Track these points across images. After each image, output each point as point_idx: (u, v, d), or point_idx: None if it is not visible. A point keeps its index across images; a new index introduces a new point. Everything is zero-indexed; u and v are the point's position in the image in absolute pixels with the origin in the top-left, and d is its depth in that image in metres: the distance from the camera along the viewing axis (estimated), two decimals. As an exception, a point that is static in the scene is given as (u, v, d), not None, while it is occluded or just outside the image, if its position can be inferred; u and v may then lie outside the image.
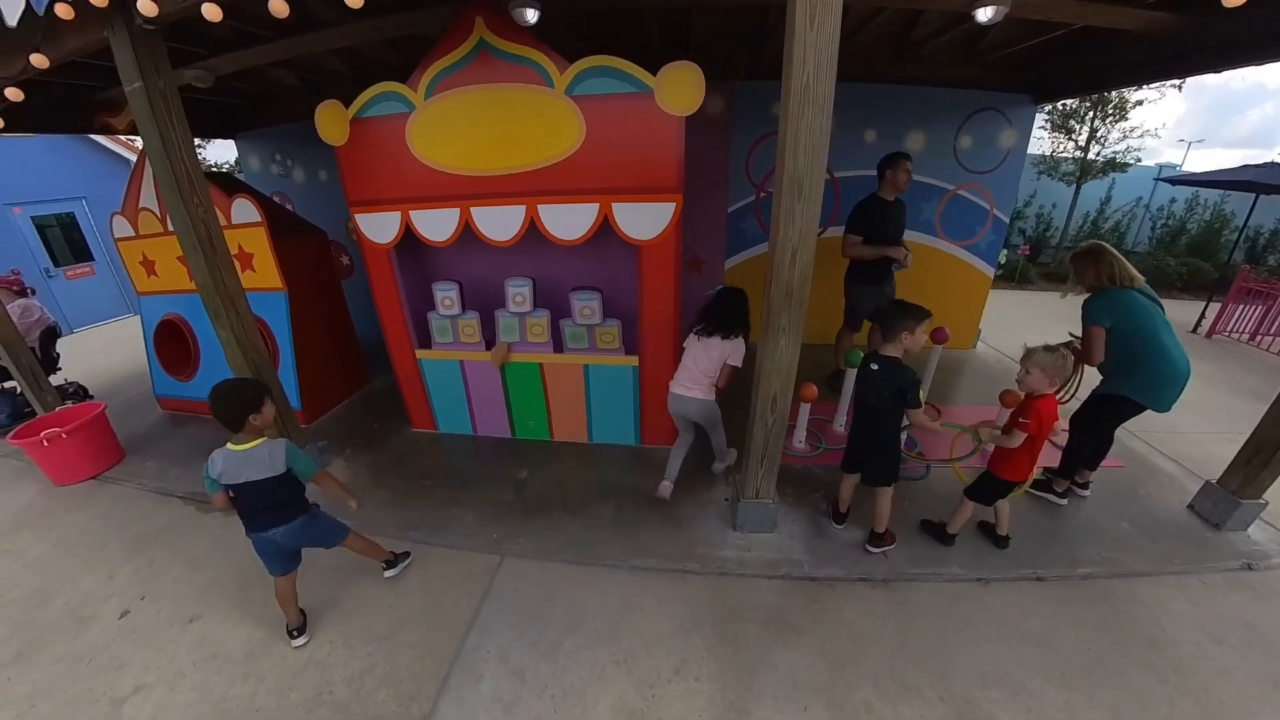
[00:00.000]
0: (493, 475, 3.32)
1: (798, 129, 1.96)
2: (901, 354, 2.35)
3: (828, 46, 1.88)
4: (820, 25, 1.86)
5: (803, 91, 1.92)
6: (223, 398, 1.98)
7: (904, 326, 2.29)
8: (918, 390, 2.31)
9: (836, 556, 2.65)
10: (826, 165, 2.06)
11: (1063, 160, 9.42)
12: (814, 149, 1.99)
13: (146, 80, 2.49)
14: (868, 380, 2.39)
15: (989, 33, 3.89)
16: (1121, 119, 8.78)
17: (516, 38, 2.64)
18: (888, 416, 2.39)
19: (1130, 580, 2.60)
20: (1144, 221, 9.59)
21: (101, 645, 2.41)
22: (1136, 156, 9.16)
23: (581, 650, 2.21)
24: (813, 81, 1.91)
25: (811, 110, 1.94)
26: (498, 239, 3.00)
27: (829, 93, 1.93)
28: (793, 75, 1.91)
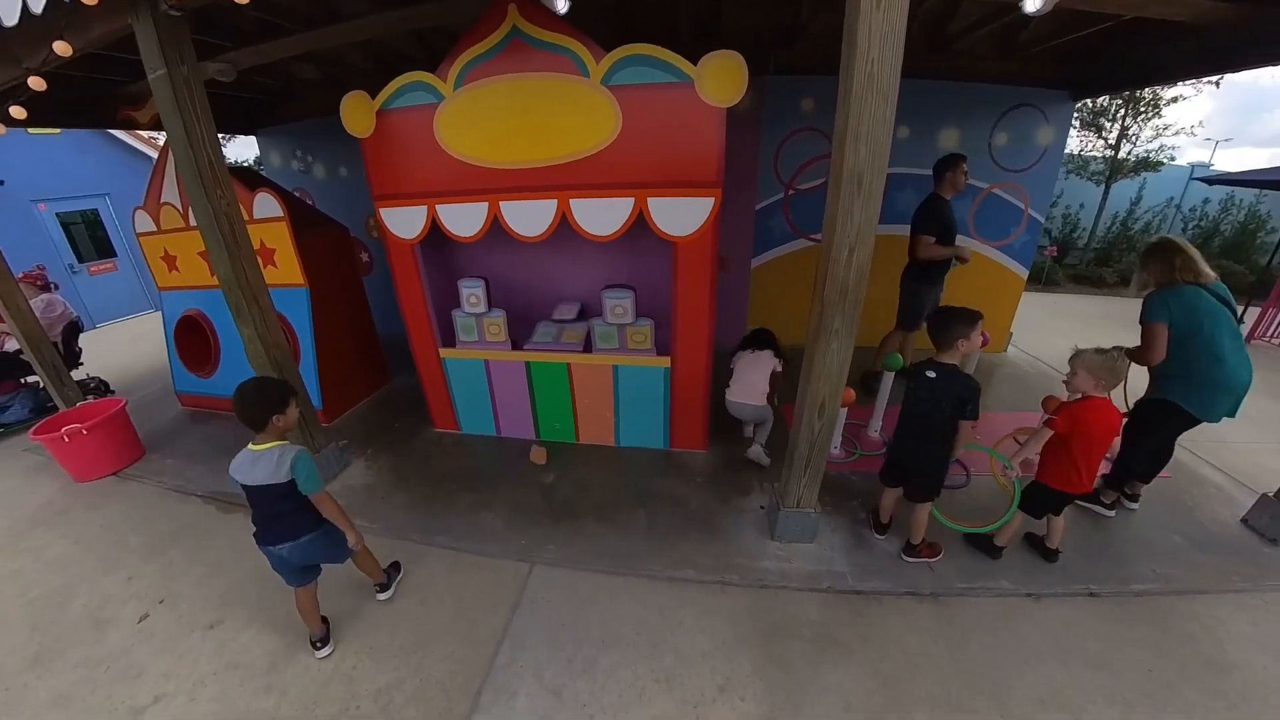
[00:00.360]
0: (518, 478, 3.19)
1: (859, 120, 1.82)
2: (959, 360, 2.21)
3: (894, 31, 1.74)
4: (888, 7, 1.72)
5: (866, 79, 1.78)
6: (248, 397, 1.89)
7: (959, 332, 2.16)
8: (978, 400, 2.16)
9: (880, 569, 2.51)
10: None
11: (1091, 159, 9.10)
12: (876, 141, 1.85)
13: (170, 68, 2.38)
14: (924, 389, 2.24)
15: (1028, 25, 3.73)
16: (1155, 116, 8.44)
17: (551, 25, 2.51)
18: (942, 427, 2.25)
19: (1186, 598, 2.45)
20: (1175, 222, 9.27)
21: (120, 650, 2.31)
22: (1171, 155, 8.86)
23: (620, 667, 2.09)
24: (877, 69, 1.78)
25: (875, 100, 1.80)
26: (527, 234, 2.87)
27: (894, 81, 1.80)
28: (855, 62, 1.77)
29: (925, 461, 2.35)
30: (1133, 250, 9.02)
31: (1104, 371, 2.14)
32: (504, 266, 3.33)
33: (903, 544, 2.56)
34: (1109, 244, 9.12)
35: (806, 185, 4.49)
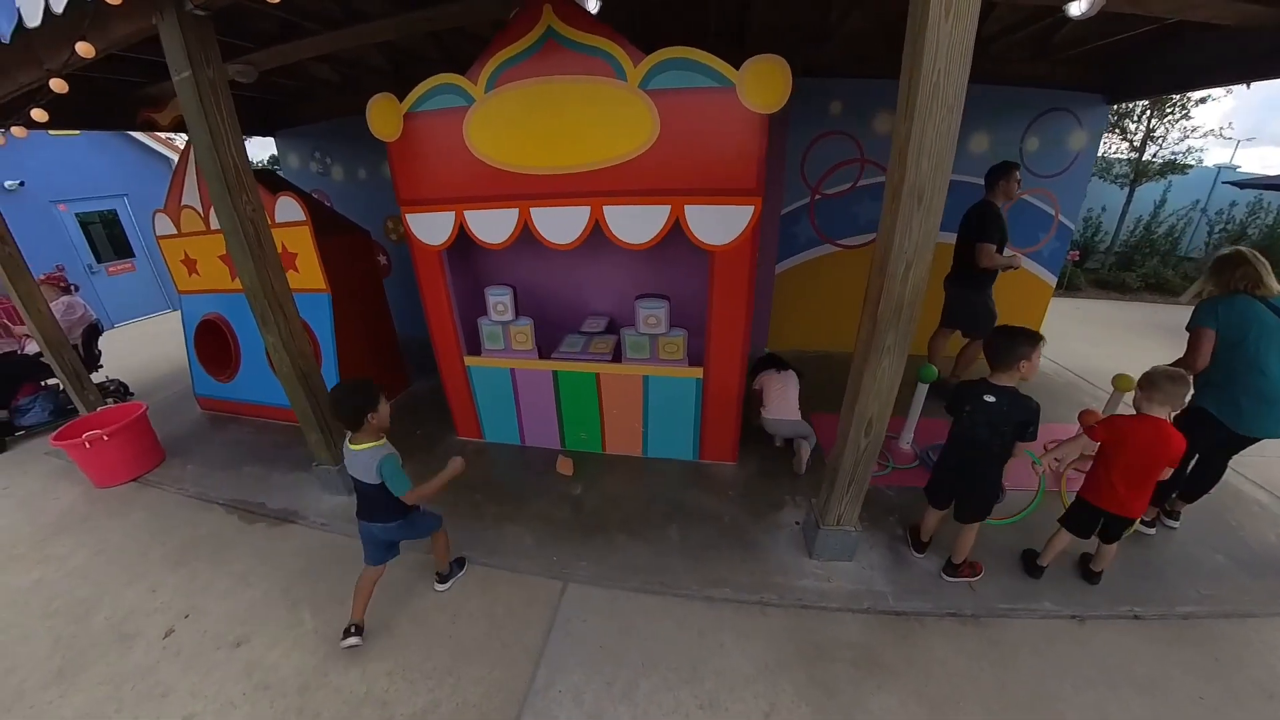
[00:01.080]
0: (545, 490, 3.11)
1: (923, 132, 1.72)
2: (1017, 382, 2.10)
3: (963, 41, 1.64)
4: (958, 16, 1.61)
5: (932, 90, 1.67)
6: (341, 400, 2.01)
7: (1021, 354, 2.05)
8: (1038, 423, 2.07)
9: (921, 589, 2.42)
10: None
11: (1115, 161, 8.85)
12: (939, 154, 1.75)
13: (196, 70, 2.28)
14: (983, 413, 2.14)
15: (1063, 28, 3.60)
16: (1183, 117, 8.16)
17: (587, 27, 2.40)
18: (1000, 452, 2.16)
19: (1234, 621, 2.36)
20: (1201, 226, 9.01)
21: (146, 667, 2.24)
22: (1198, 158, 8.58)
23: (661, 692, 2.01)
24: (943, 80, 1.67)
25: (940, 112, 1.70)
26: (558, 242, 2.77)
27: (960, 92, 1.69)
28: (921, 72, 1.66)
29: (979, 484, 2.25)
30: (1156, 254, 8.81)
31: (1177, 398, 2.05)
32: (531, 273, 3.24)
33: (944, 562, 2.47)
34: (1132, 248, 8.91)
35: (834, 190, 4.37)
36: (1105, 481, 2.19)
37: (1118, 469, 2.15)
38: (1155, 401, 2.06)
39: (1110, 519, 2.26)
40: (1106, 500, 2.21)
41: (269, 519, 3.04)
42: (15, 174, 6.54)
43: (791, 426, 3.19)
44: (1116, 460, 2.14)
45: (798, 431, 3.19)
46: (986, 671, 2.10)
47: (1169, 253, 8.84)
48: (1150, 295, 8.11)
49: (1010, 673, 2.09)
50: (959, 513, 2.34)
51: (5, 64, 2.65)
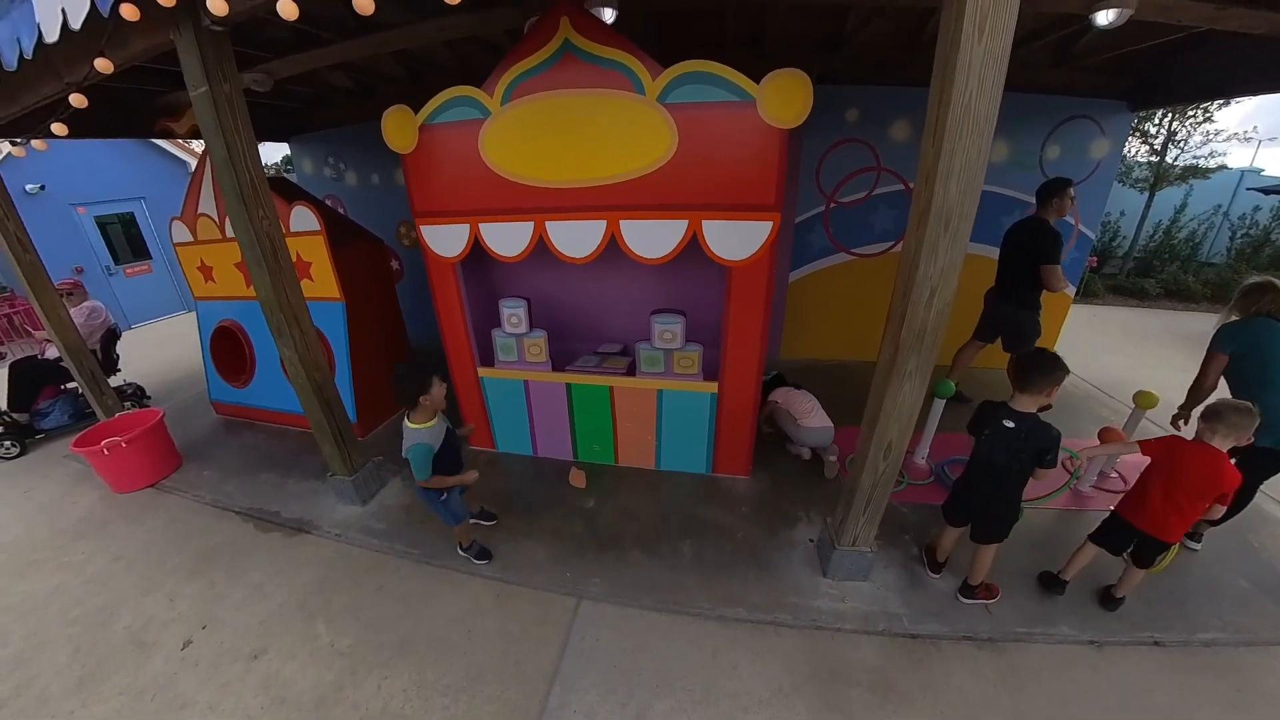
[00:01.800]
0: (558, 502, 3.09)
1: (953, 154, 1.66)
2: (1037, 408, 2.05)
3: (997, 61, 1.59)
4: (991, 35, 1.56)
5: (963, 111, 1.62)
6: (398, 382, 2.20)
7: (1055, 379, 2.00)
8: (1058, 451, 2.02)
9: (936, 611, 2.38)
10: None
11: (1135, 165, 8.62)
12: (970, 177, 1.69)
13: (212, 85, 2.27)
14: (1001, 438, 2.09)
15: (1086, 36, 3.50)
16: (1206, 120, 7.92)
17: (605, 39, 2.36)
18: (1019, 478, 2.11)
19: (1260, 650, 2.29)
20: (1223, 231, 8.73)
21: (165, 678, 2.26)
22: (1221, 162, 8.30)
23: (675, 714, 1.99)
24: (975, 102, 1.62)
25: (971, 133, 1.64)
26: (573, 255, 2.74)
27: (992, 115, 1.64)
28: (953, 93, 1.61)
29: (997, 506, 2.21)
30: (1176, 260, 8.59)
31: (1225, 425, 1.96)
32: (545, 286, 3.22)
33: (960, 583, 2.43)
34: (1151, 253, 8.71)
35: (849, 198, 4.30)
36: (1146, 500, 2.12)
37: (1161, 489, 2.08)
38: (1219, 434, 1.97)
39: (1144, 540, 2.19)
40: (1145, 520, 2.13)
41: (284, 528, 3.05)
42: (36, 178, 6.63)
43: (826, 434, 3.25)
44: (1163, 481, 2.07)
45: (830, 439, 3.26)
46: (1003, 698, 2.06)
47: (1189, 258, 8.63)
48: (1169, 302, 7.93)
49: (1027, 699, 2.05)
50: (975, 533, 2.30)
51: (27, 78, 2.64)
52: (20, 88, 2.77)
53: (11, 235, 3.43)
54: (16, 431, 3.89)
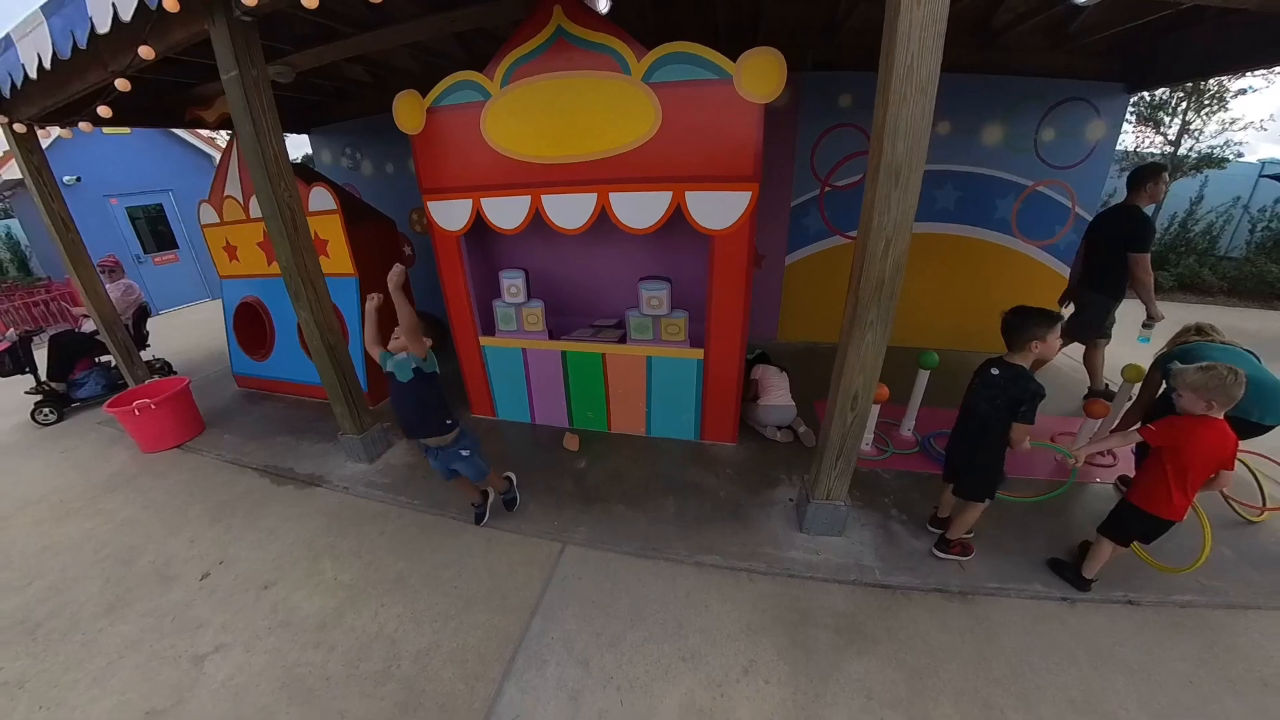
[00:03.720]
0: (552, 464, 3.33)
1: (898, 114, 1.86)
2: (1030, 363, 2.17)
3: (934, 24, 1.77)
4: (927, 2, 1.75)
5: (905, 74, 1.82)
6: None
7: (1036, 334, 2.09)
8: (1035, 405, 2.12)
9: (909, 565, 2.52)
10: None
11: (1149, 156, 8.59)
12: (914, 135, 1.88)
13: (242, 69, 2.59)
14: (984, 385, 2.22)
15: (1079, 16, 3.64)
16: (1221, 109, 7.92)
17: (594, 25, 2.62)
18: (996, 426, 2.21)
19: (1236, 612, 2.36)
20: (1242, 224, 8.60)
21: (184, 604, 2.54)
22: (1238, 151, 8.24)
23: (646, 644, 2.17)
24: (916, 64, 1.81)
25: (914, 94, 1.84)
26: (567, 227, 2.99)
27: (933, 76, 1.83)
28: (895, 56, 1.81)
29: (977, 459, 2.33)
30: (1192, 253, 8.49)
31: (1213, 393, 1.93)
32: (542, 263, 3.48)
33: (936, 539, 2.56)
34: (1166, 246, 8.60)
35: (843, 182, 4.49)
36: (1162, 487, 2.09)
37: (1177, 474, 2.04)
38: (1219, 405, 1.95)
39: (1158, 524, 2.18)
40: (1162, 508, 2.11)
41: (297, 482, 3.35)
42: (73, 170, 7.21)
43: (787, 413, 3.42)
44: (1173, 463, 2.04)
45: (791, 418, 3.44)
46: (968, 645, 2.18)
47: (1207, 252, 8.50)
48: (1183, 295, 7.85)
49: (992, 647, 2.17)
50: (957, 487, 2.42)
51: (77, 66, 3.00)
52: (70, 76, 3.13)
53: (56, 215, 3.86)
54: (55, 399, 4.31)
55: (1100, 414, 3.07)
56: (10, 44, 2.99)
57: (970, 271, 4.56)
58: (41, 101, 3.40)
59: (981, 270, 4.56)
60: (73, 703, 2.10)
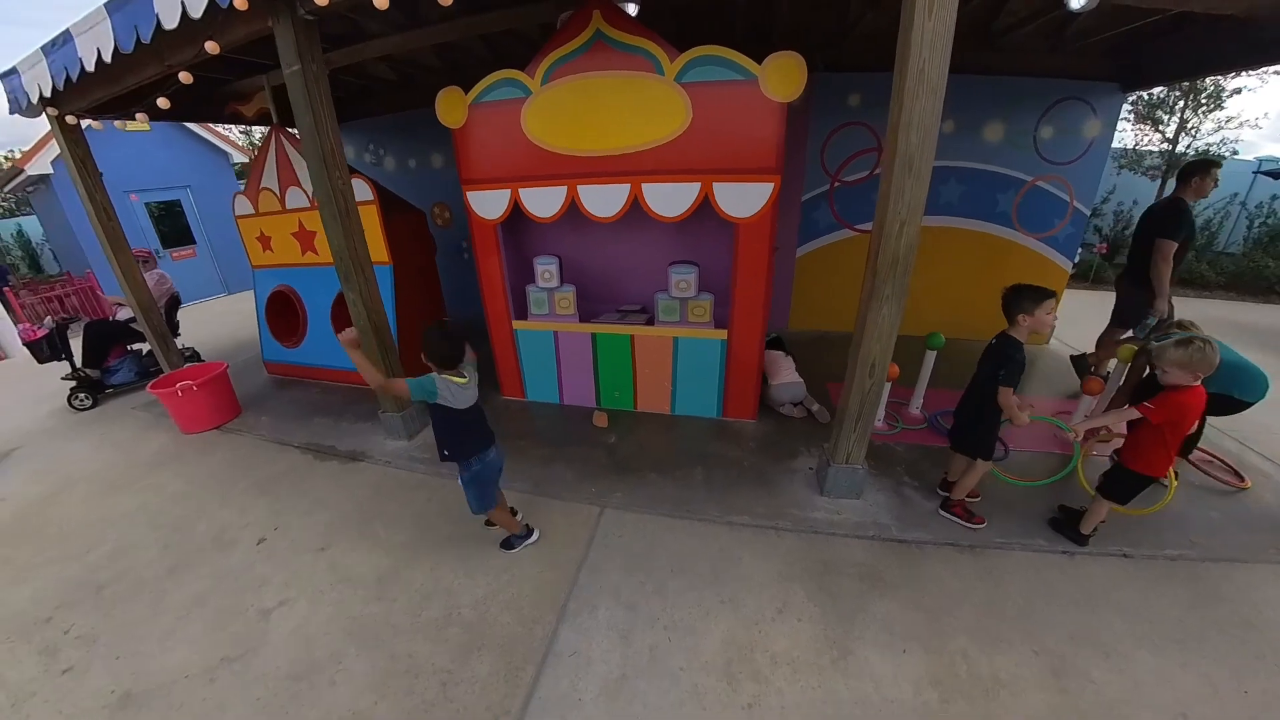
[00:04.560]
0: (583, 439, 3.61)
1: (911, 111, 2.16)
2: (1025, 336, 2.45)
3: (943, 35, 2.08)
4: (937, 14, 2.05)
5: (918, 76, 2.12)
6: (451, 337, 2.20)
7: (1022, 308, 2.39)
8: (1014, 370, 2.41)
9: (922, 523, 2.81)
10: None
11: (1147, 154, 9.05)
12: (925, 129, 2.19)
13: (304, 64, 2.85)
14: (984, 353, 2.54)
15: (1075, 20, 3.98)
16: (1217, 108, 8.37)
17: (631, 29, 2.92)
18: (987, 389, 2.52)
19: (1222, 565, 2.63)
20: (1240, 220, 9.05)
21: (244, 566, 2.77)
22: (1234, 149, 8.69)
23: (687, 590, 2.44)
24: (927, 67, 2.11)
25: (925, 94, 2.14)
26: (601, 215, 3.28)
27: (942, 77, 2.13)
28: (909, 61, 2.11)
29: (972, 416, 2.64)
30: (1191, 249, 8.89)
31: (1197, 365, 2.20)
32: (571, 252, 3.77)
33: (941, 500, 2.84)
34: None
35: (853, 177, 4.81)
36: (1163, 451, 2.37)
37: (1172, 438, 2.33)
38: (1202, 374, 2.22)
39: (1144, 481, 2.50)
40: (1159, 469, 2.43)
41: (340, 458, 3.60)
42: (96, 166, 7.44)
43: (797, 389, 3.76)
44: (1171, 431, 2.32)
45: (802, 394, 3.78)
46: (979, 590, 2.46)
47: (1205, 248, 8.92)
48: (1183, 290, 8.22)
49: (1001, 591, 2.45)
50: (953, 439, 2.72)
51: (134, 62, 3.23)
52: (125, 71, 3.35)
53: (99, 205, 4.10)
54: (90, 386, 4.53)
55: (1096, 391, 3.38)
56: (69, 38, 3.22)
57: (973, 263, 4.89)
58: (92, 95, 3.64)
59: (984, 262, 4.89)
60: (147, 652, 2.31)
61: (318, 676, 2.14)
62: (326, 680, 2.13)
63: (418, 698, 2.03)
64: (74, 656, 2.31)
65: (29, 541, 3.08)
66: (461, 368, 2.28)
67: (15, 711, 2.08)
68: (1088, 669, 2.11)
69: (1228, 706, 1.95)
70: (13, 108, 3.76)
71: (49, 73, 3.42)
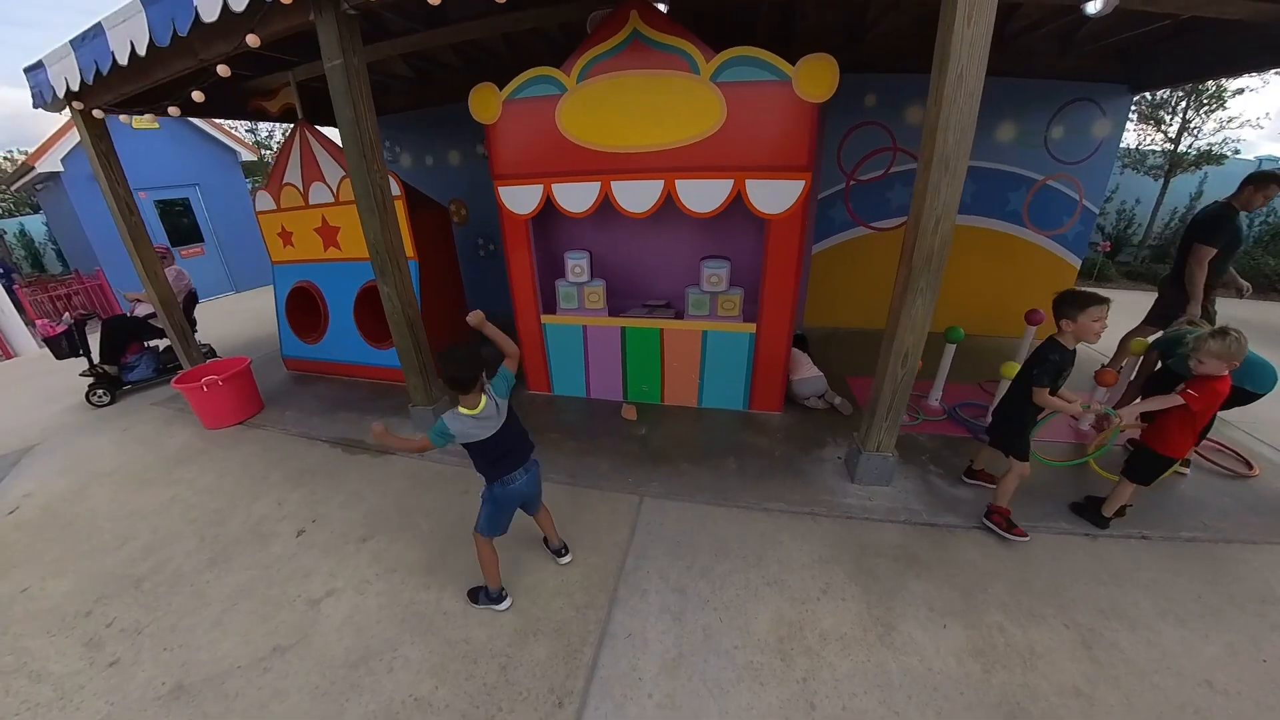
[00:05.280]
0: (614, 431, 3.73)
1: (949, 113, 2.30)
2: (1071, 341, 2.57)
3: (981, 41, 2.22)
4: (976, 22, 2.20)
5: (957, 80, 2.26)
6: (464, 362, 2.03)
7: (1063, 313, 2.54)
8: (1046, 369, 2.55)
9: (951, 508, 2.96)
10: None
11: (1149, 153, 9.32)
12: (962, 131, 2.33)
13: (346, 58, 2.93)
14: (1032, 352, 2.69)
15: (1086, 24, 4.18)
16: (1219, 108, 8.63)
17: (667, 29, 3.05)
18: (1021, 387, 2.67)
19: (1235, 546, 2.79)
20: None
21: (286, 557, 2.83)
22: (1236, 149, 8.92)
23: (733, 573, 2.56)
24: (965, 72, 2.25)
25: (963, 97, 2.28)
26: (634, 211, 3.40)
27: (980, 81, 2.27)
28: (948, 65, 2.24)
29: (1007, 407, 2.78)
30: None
31: (1232, 354, 2.38)
32: (596, 245, 3.88)
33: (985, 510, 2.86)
34: (1167, 241, 9.35)
35: (867, 176, 4.98)
36: (1191, 436, 2.58)
37: (1201, 424, 2.55)
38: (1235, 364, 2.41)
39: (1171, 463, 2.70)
40: (1182, 451, 2.63)
41: (371, 451, 3.68)
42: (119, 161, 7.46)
43: (818, 382, 3.95)
44: (1202, 418, 2.52)
45: (823, 387, 3.97)
46: (1010, 568, 2.61)
47: None
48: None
49: (1030, 570, 2.60)
50: (991, 433, 2.87)
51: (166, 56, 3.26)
52: (155, 64, 3.38)
53: (122, 199, 4.15)
54: (108, 382, 4.56)
55: (1110, 382, 3.56)
56: (100, 32, 3.26)
57: (985, 260, 5.08)
58: (120, 89, 3.69)
59: (995, 258, 5.09)
60: (195, 644, 2.36)
61: (375, 663, 2.21)
62: (384, 667, 2.19)
63: (478, 681, 2.11)
64: (119, 649, 2.35)
65: (60, 536, 3.12)
66: (487, 386, 2.11)
67: (64, 703, 2.12)
68: (1116, 640, 2.26)
69: (1248, 673, 2.11)
70: (36, 102, 3.79)
71: (77, 66, 3.47)
